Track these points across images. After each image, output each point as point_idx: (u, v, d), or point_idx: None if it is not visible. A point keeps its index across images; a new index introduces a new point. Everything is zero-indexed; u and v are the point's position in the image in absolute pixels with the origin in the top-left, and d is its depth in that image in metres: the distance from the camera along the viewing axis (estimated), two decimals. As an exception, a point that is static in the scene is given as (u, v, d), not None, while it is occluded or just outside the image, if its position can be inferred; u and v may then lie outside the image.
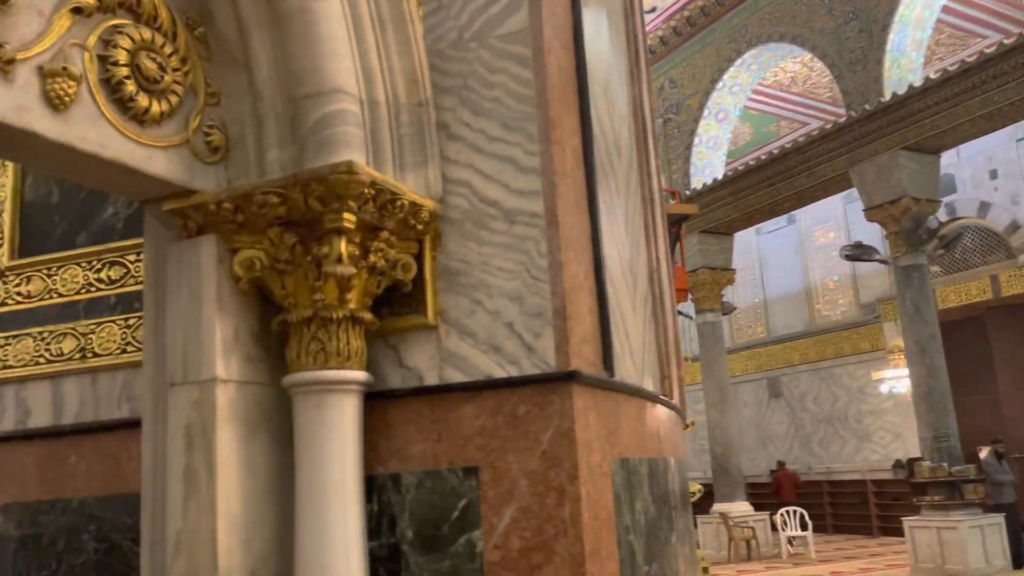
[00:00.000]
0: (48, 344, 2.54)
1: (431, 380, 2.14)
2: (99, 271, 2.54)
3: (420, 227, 2.13)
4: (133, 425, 2.37)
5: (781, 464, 16.09)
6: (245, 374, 2.03)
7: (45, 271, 2.61)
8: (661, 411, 2.84)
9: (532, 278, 2.10)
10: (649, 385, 2.72)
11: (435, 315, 2.16)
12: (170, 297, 2.04)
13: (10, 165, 2.70)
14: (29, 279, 2.62)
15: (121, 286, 2.51)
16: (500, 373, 2.08)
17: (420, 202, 2.09)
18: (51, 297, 2.58)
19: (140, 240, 2.49)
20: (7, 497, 2.49)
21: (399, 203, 2.03)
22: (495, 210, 2.16)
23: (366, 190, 1.92)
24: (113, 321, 2.49)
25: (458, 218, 2.19)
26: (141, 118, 1.85)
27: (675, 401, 3.24)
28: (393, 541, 2.08)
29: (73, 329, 2.52)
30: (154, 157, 1.88)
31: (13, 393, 2.57)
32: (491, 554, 2.00)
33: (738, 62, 13.99)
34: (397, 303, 2.20)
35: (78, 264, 2.57)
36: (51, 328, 2.55)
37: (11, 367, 2.56)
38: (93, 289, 2.54)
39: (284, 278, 2.04)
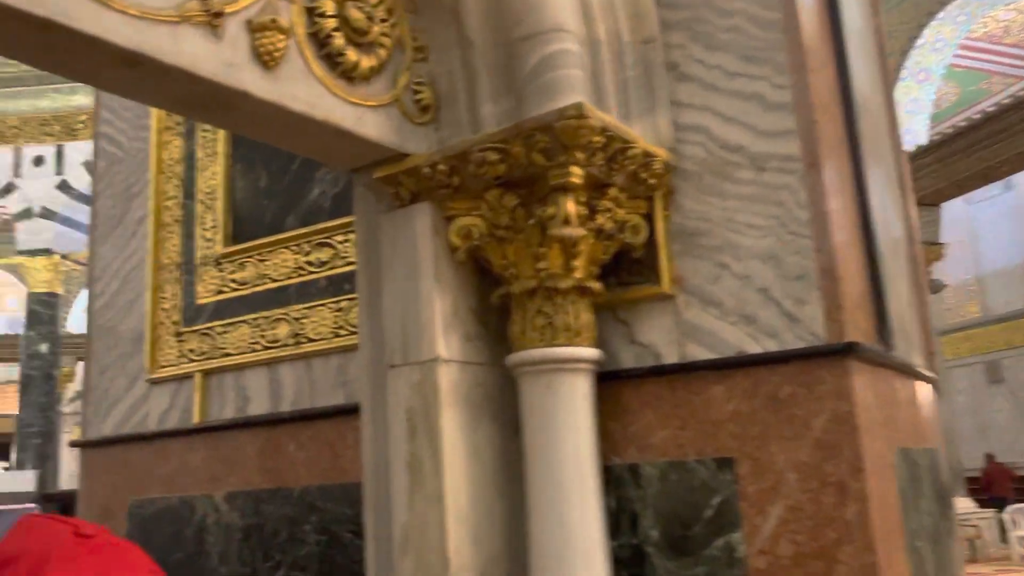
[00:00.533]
0: (263, 330, 2.49)
1: (670, 358, 1.86)
2: (308, 254, 2.47)
3: (652, 181, 1.85)
4: (349, 412, 2.27)
5: (991, 457, 14.41)
6: (466, 353, 1.84)
7: (257, 257, 2.57)
8: (928, 392, 2.41)
9: (790, 234, 1.77)
10: (917, 361, 2.30)
11: (671, 283, 1.87)
12: (385, 273, 1.89)
13: (220, 152, 2.69)
14: (243, 265, 2.59)
15: (330, 268, 2.42)
16: (755, 348, 1.77)
17: (653, 151, 1.82)
18: (264, 283, 2.54)
19: (347, 219, 2.38)
20: (231, 486, 2.47)
21: (630, 153, 1.76)
22: (739, 157, 1.85)
23: (595, 138, 1.66)
24: (324, 305, 2.40)
25: (694, 169, 1.90)
26: (350, 74, 1.69)
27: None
28: (635, 542, 1.82)
29: (286, 314, 2.46)
30: (364, 118, 1.73)
31: (233, 380, 2.55)
32: (756, 560, 1.69)
33: (941, 15, 12.55)
34: (625, 271, 1.93)
35: (287, 248, 2.51)
36: (265, 314, 2.51)
37: (230, 355, 2.54)
38: (303, 272, 2.47)
39: (504, 246, 1.83)
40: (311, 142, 1.74)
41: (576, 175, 1.69)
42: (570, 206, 1.71)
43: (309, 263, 2.46)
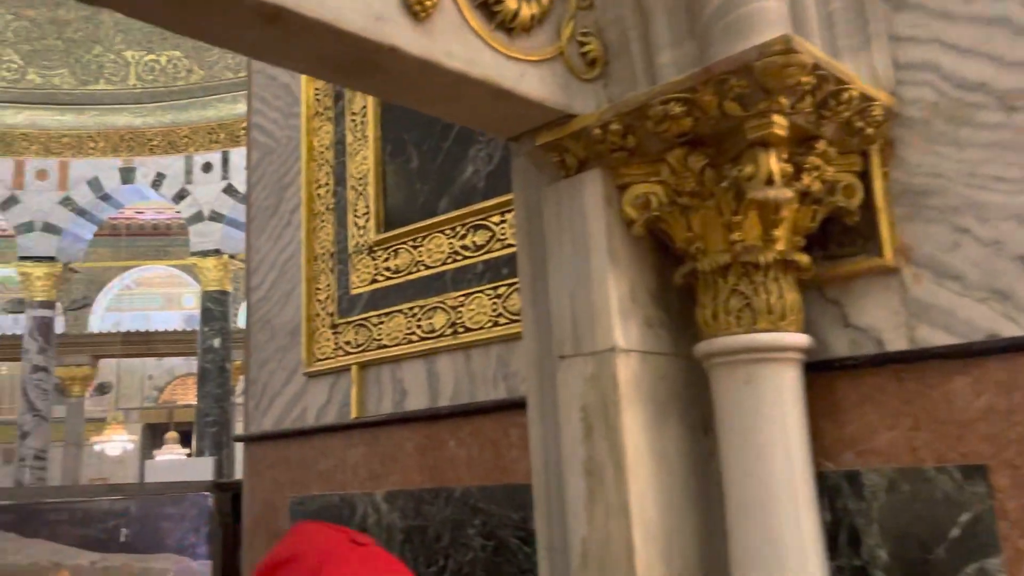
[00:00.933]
0: (419, 320, 2.35)
1: (897, 344, 1.54)
2: (463, 237, 2.30)
3: (869, 131, 1.54)
4: (511, 407, 2.09)
5: None
6: (646, 342, 1.60)
7: (410, 243, 2.43)
8: None
9: (1057, 186, 1.41)
10: None
11: (895, 253, 1.55)
12: (550, 252, 1.68)
13: (370, 136, 2.57)
14: (396, 252, 2.46)
15: (487, 252, 2.24)
16: (1012, 330, 1.42)
17: (872, 94, 1.50)
18: (418, 270, 2.40)
19: (504, 198, 2.20)
20: (391, 484, 2.35)
21: (844, 96, 1.46)
22: (981, 96, 1.50)
23: (804, 79, 1.37)
24: (482, 291, 2.23)
25: (920, 115, 1.56)
26: (509, 26, 1.49)
27: None
28: (859, 564, 1.52)
29: (442, 302, 2.31)
30: (526, 75, 1.52)
31: (389, 373, 2.43)
32: (1023, 595, 1.36)
33: None
34: (834, 242, 1.63)
35: (442, 232, 2.36)
36: (420, 303, 2.36)
37: (385, 346, 2.42)
38: (459, 258, 2.30)
39: (689, 216, 1.57)
40: (466, 105, 1.55)
41: (779, 125, 1.40)
42: (773, 163, 1.42)
43: (464, 247, 2.30)
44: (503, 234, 2.20)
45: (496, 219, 2.23)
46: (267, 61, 1.38)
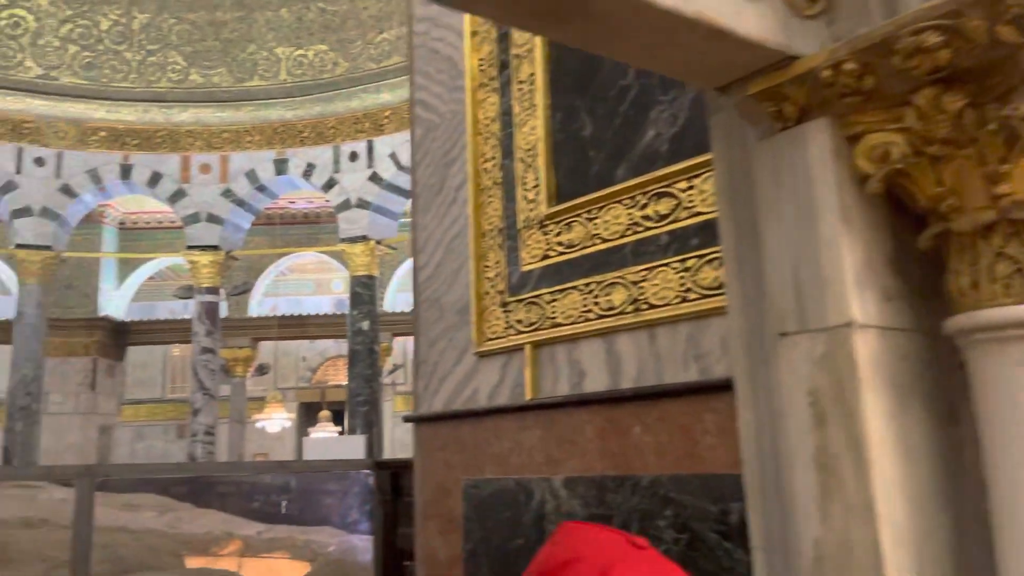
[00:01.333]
0: (596, 297, 2.21)
1: None
2: (644, 207, 2.13)
3: None
4: (704, 390, 1.91)
5: None
6: (885, 317, 1.38)
7: (585, 215, 2.29)
8: None
9: None
10: None
11: None
12: (765, 217, 1.49)
13: (539, 104, 2.45)
14: (569, 226, 2.33)
15: (672, 221, 2.07)
16: None
17: None
18: (594, 243, 2.26)
19: (691, 162, 2.01)
20: (569, 470, 2.22)
21: None
22: None
23: (1109, -11, 1.12)
24: (667, 264, 2.06)
25: None
26: (725, -44, 1.31)
27: None
28: None
29: (621, 278, 2.16)
30: (743, 12, 1.33)
31: (565, 353, 2.30)
32: None
33: None
34: (1117, 194, 1.35)
35: (619, 202, 2.20)
36: (597, 278, 2.22)
37: (560, 325, 2.30)
38: (639, 229, 2.14)
39: (938, 168, 1.34)
40: (675, 51, 1.38)
41: (1070, 51, 1.16)
42: (1059, 98, 1.18)
43: (646, 217, 2.13)
44: (691, 201, 2.02)
45: (682, 185, 2.05)
46: (458, 8, 1.26)
